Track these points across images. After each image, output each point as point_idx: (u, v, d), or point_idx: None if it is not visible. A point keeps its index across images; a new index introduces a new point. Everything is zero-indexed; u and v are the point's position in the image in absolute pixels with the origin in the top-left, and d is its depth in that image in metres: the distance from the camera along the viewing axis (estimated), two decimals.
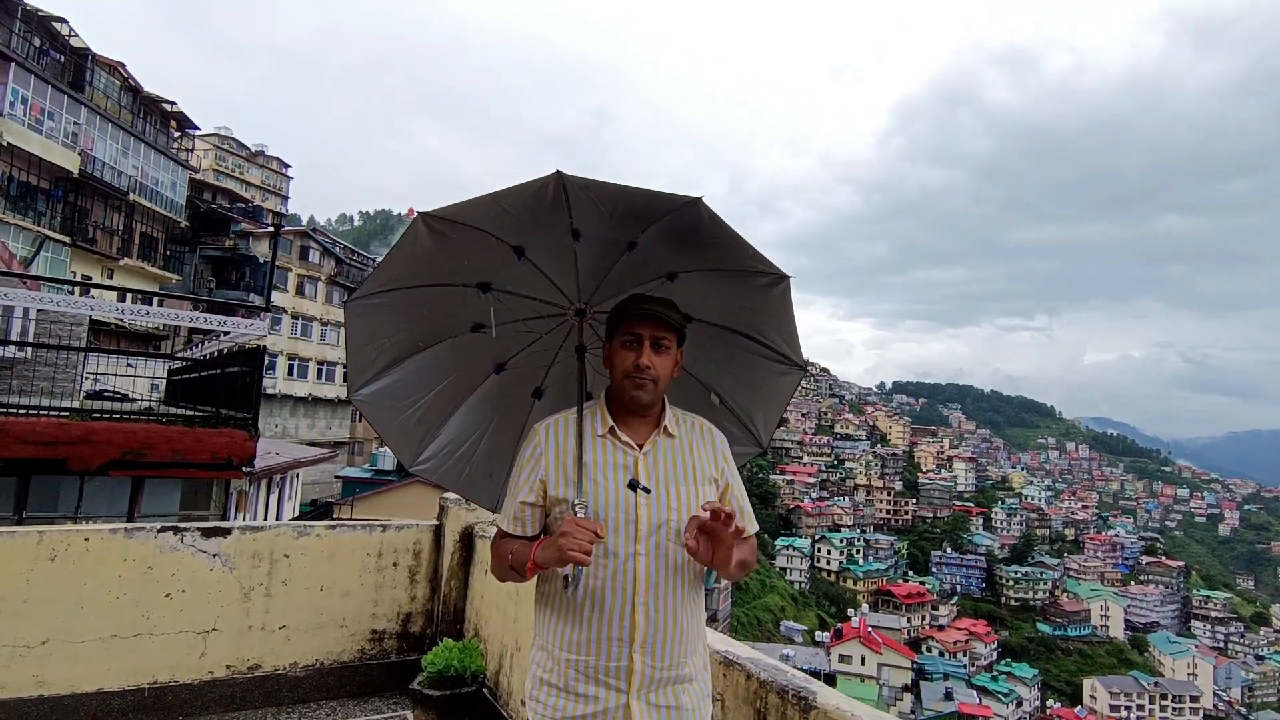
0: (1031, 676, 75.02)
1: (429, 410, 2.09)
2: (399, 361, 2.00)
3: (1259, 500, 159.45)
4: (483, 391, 2.14)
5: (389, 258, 1.78)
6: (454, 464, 2.17)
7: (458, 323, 2.02)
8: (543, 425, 1.81)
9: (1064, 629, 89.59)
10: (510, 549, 1.75)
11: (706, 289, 1.97)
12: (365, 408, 1.99)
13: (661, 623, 1.67)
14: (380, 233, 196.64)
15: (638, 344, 1.74)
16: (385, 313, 1.90)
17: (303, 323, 42.62)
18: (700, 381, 2.14)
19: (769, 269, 1.85)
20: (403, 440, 2.09)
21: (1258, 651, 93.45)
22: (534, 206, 1.67)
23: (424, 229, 1.69)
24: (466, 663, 3.96)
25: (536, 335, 2.09)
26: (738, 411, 2.15)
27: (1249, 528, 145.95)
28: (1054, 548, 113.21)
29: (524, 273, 1.90)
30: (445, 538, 4.77)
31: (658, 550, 1.67)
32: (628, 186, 1.62)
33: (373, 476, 33.17)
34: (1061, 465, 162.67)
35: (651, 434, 1.79)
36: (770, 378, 2.10)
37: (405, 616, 4.69)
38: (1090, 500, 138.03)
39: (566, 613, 1.70)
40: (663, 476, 1.74)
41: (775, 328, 1.99)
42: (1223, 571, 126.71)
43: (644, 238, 1.83)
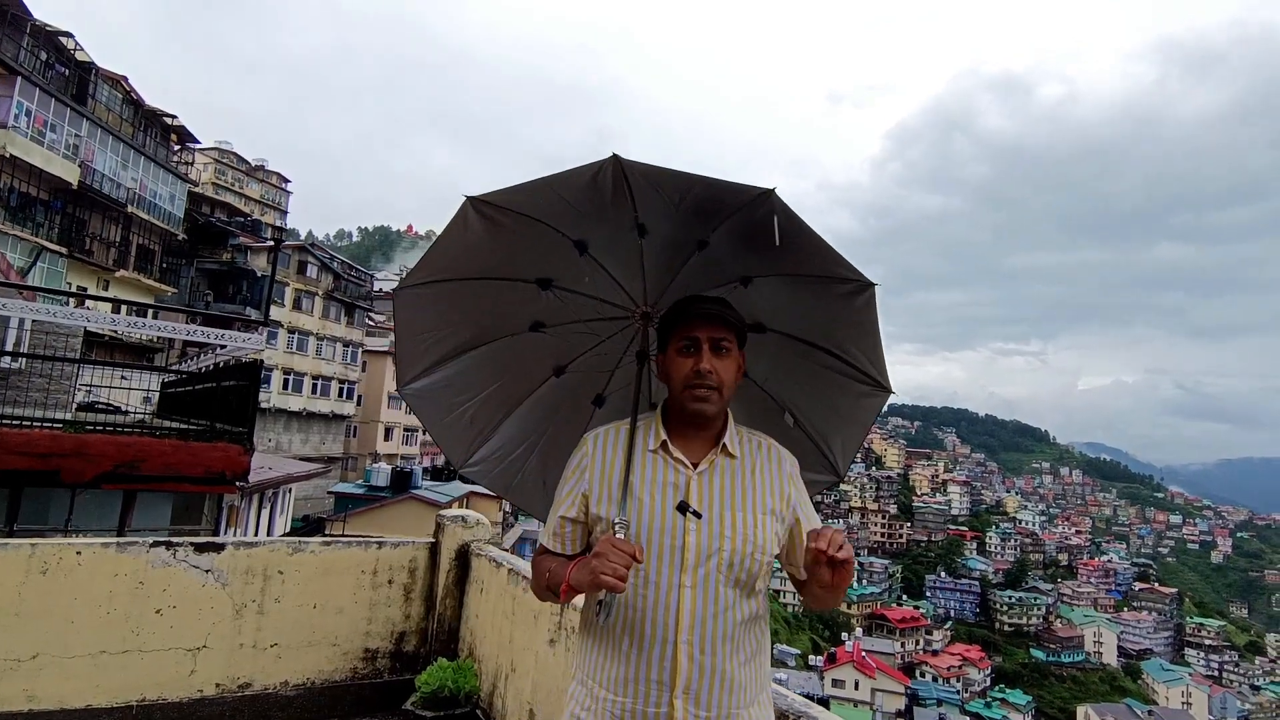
0: (1025, 703, 74.45)
1: (482, 410, 1.98)
2: (452, 356, 1.90)
3: (1252, 528, 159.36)
4: (540, 395, 2.01)
5: (438, 244, 1.68)
6: (506, 469, 2.05)
7: (516, 320, 1.91)
8: (592, 435, 1.66)
9: (1058, 655, 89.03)
10: (548, 567, 1.58)
11: (784, 296, 1.80)
12: (414, 402, 1.90)
13: (708, 666, 1.45)
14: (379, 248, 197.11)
15: (695, 348, 1.55)
16: (437, 303, 1.80)
17: (299, 337, 42.56)
18: (774, 399, 1.94)
19: (852, 275, 1.64)
20: (452, 440, 1.99)
21: (1253, 681, 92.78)
22: (593, 196, 1.56)
23: (474, 215, 1.58)
24: (460, 683, 3.93)
25: (599, 338, 1.95)
26: (814, 435, 1.92)
27: (1242, 555, 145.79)
28: (1047, 573, 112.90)
29: (586, 270, 1.78)
30: (441, 555, 4.74)
31: (706, 583, 1.46)
32: (693, 174, 1.47)
33: (366, 492, 32.94)
34: (1055, 490, 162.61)
35: (709, 452, 1.58)
36: (852, 399, 1.86)
37: (399, 635, 4.64)
38: (1083, 526, 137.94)
39: (606, 645, 1.52)
40: (717, 501, 1.52)
41: (858, 342, 1.77)
42: (1216, 599, 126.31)
43: (715, 236, 1.69)
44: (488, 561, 4.42)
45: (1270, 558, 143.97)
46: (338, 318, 45.69)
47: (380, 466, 35.05)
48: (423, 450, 55.88)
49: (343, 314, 46.13)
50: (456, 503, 37.55)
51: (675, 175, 1.49)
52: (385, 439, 51.19)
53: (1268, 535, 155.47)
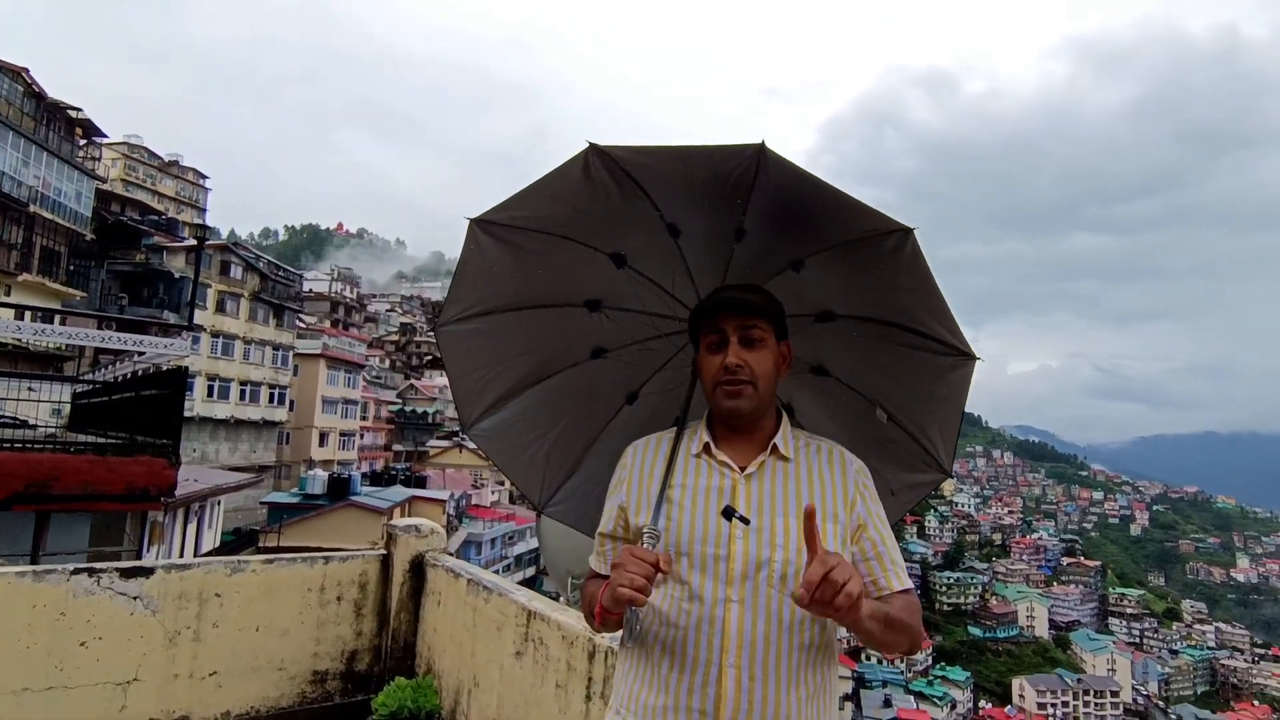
0: (964, 679, 77.38)
1: (557, 447, 1.86)
2: (517, 392, 1.79)
3: (1166, 500, 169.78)
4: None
5: (461, 274, 1.59)
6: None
7: (575, 348, 1.79)
8: (633, 446, 1.53)
9: (993, 631, 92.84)
10: (589, 591, 1.42)
11: (839, 273, 1.60)
12: (485, 444, 1.82)
13: (759, 694, 1.26)
14: (309, 246, 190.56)
15: (723, 343, 1.40)
16: (485, 339, 1.71)
17: (224, 341, 40.69)
18: (861, 394, 1.73)
19: (886, 224, 1.40)
20: (530, 480, 1.88)
21: (1171, 646, 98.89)
22: (600, 197, 1.45)
23: (484, 238, 1.49)
24: (421, 702, 3.71)
25: (665, 356, 1.82)
26: (911, 429, 1.70)
27: (1158, 527, 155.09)
28: (983, 553, 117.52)
29: (667, 258, 1.63)
30: (394, 568, 4.48)
31: (755, 597, 1.29)
32: (680, 146, 1.34)
33: (301, 501, 31.74)
34: (989, 473, 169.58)
35: (759, 455, 1.41)
36: (938, 376, 1.62)
37: (350, 654, 4.36)
38: (1015, 505, 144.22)
39: (645, 671, 1.35)
40: (768, 506, 1.35)
41: (925, 306, 1.53)
42: (1136, 570, 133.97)
43: (749, 221, 1.53)
44: (445, 572, 4.19)
45: (1183, 528, 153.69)
46: (265, 320, 43.86)
47: (316, 474, 33.83)
48: (361, 455, 54.34)
49: (271, 316, 44.30)
50: (399, 508, 36.60)
51: (664, 152, 1.37)
52: (320, 445, 49.51)
53: (1180, 507, 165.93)
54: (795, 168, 1.33)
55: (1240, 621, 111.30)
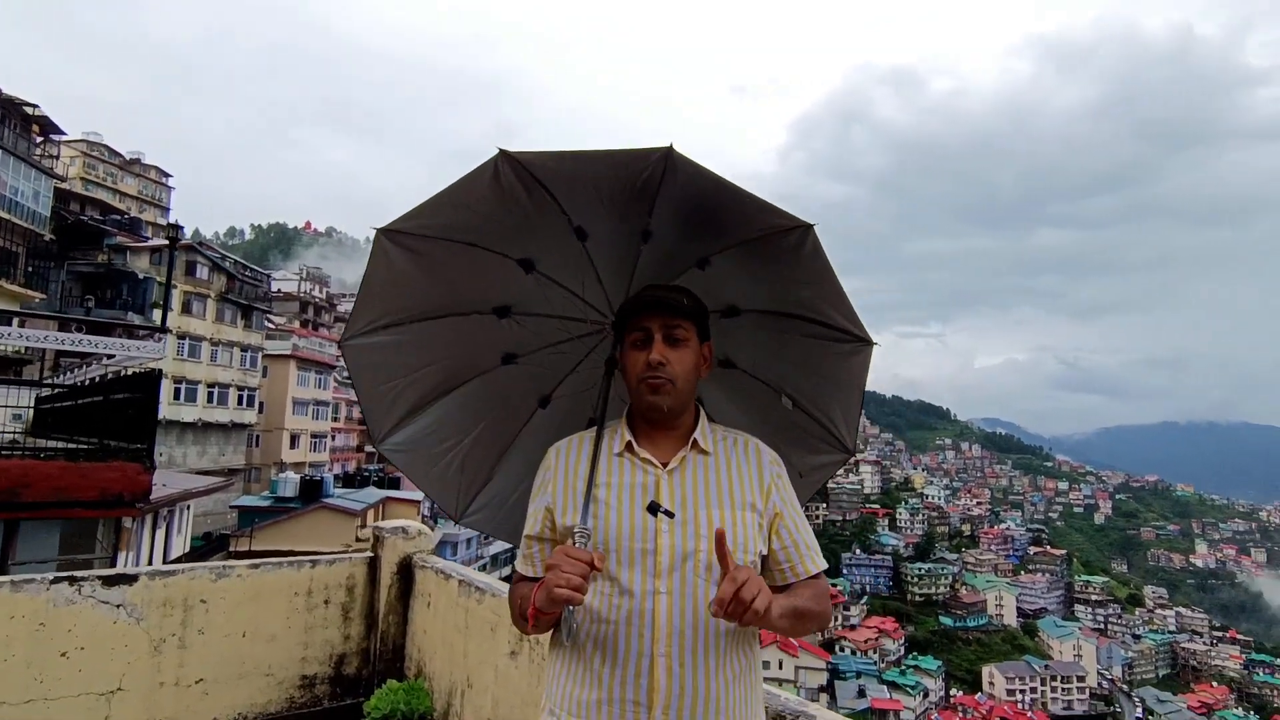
0: (936, 668, 78.76)
1: (471, 456, 1.87)
2: (427, 404, 1.78)
3: (1128, 490, 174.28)
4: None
5: (368, 286, 1.57)
6: (509, 513, 1.91)
7: (485, 356, 1.80)
8: (555, 448, 1.56)
9: (964, 620, 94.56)
10: (519, 594, 1.44)
11: (743, 269, 1.67)
12: (397, 458, 1.79)
13: (690, 681, 1.32)
14: (276, 245, 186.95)
15: (647, 340, 1.46)
16: (393, 351, 1.69)
17: (190, 343, 39.82)
18: (767, 383, 1.82)
19: (785, 220, 1.48)
20: (445, 492, 1.88)
21: (1134, 631, 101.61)
22: (507, 203, 1.45)
23: (393, 248, 1.47)
24: (414, 704, 3.69)
25: (576, 359, 1.85)
26: (815, 413, 1.78)
27: (1120, 515, 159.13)
28: (953, 543, 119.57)
29: (575, 262, 1.65)
30: (381, 570, 4.44)
31: (682, 587, 1.35)
32: (588, 151, 1.37)
33: (273, 504, 31.20)
34: (958, 465, 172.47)
35: (679, 450, 1.48)
36: (838, 361, 1.70)
37: (339, 658, 4.32)
38: (983, 497, 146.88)
39: (577, 668, 1.39)
40: (691, 499, 1.41)
41: (823, 296, 1.61)
42: (1100, 557, 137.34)
43: (655, 223, 1.58)
44: (434, 573, 4.17)
45: (1145, 516, 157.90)
46: (233, 321, 43.01)
47: (288, 476, 33.31)
48: (333, 457, 53.56)
49: (239, 317, 43.45)
50: (373, 510, 36.19)
51: (572, 157, 1.39)
52: (291, 447, 48.68)
53: (1142, 496, 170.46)
54: (702, 169, 1.37)
55: (1199, 606, 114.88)
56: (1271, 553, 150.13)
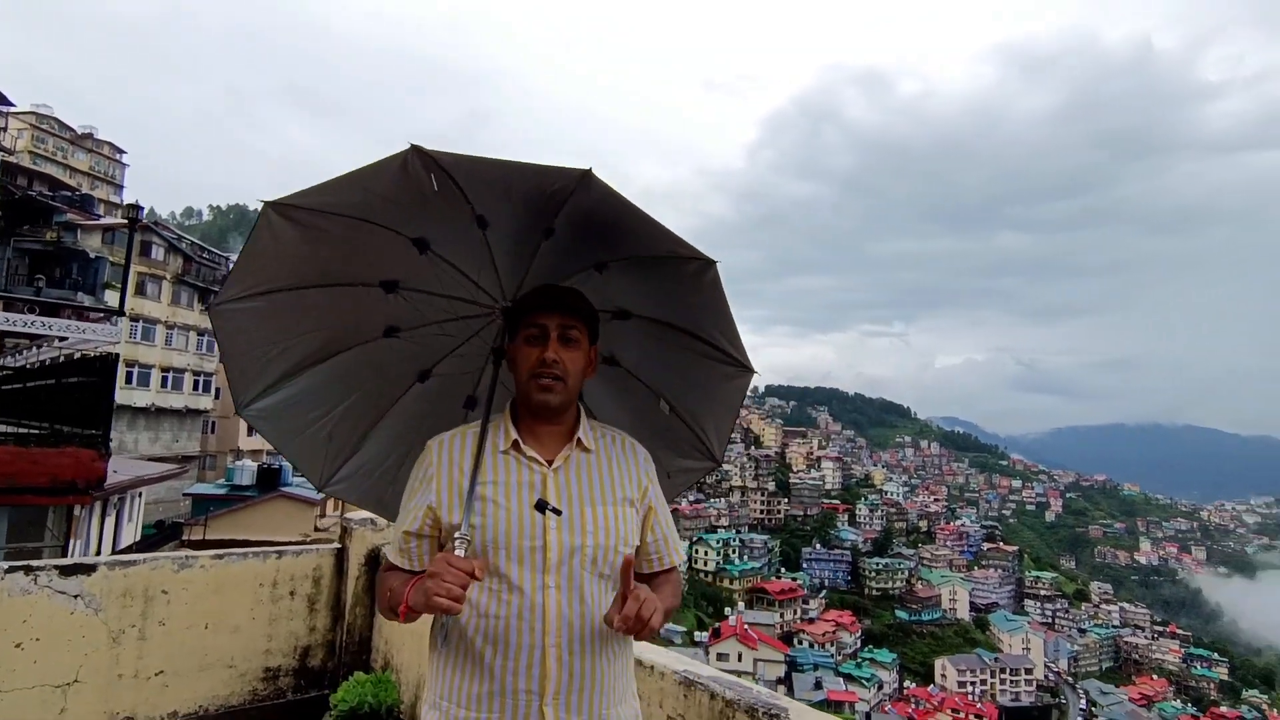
0: (891, 660, 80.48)
1: (341, 425, 1.86)
2: (300, 371, 1.75)
3: (1078, 488, 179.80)
4: (407, 402, 1.91)
5: (249, 257, 1.55)
6: (376, 482, 1.95)
7: (367, 327, 1.79)
8: (436, 441, 1.55)
9: (919, 614, 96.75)
10: (391, 585, 1.47)
11: (640, 280, 1.76)
12: (260, 425, 1.75)
13: (578, 668, 1.41)
14: (236, 228, 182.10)
15: (542, 337, 1.50)
16: (272, 315, 1.65)
17: (144, 325, 38.66)
18: (647, 386, 1.91)
19: (691, 252, 1.61)
20: (310, 460, 1.87)
21: (1080, 625, 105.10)
22: (413, 191, 1.46)
23: (280, 221, 1.45)
24: (382, 697, 3.66)
25: (460, 339, 1.87)
26: (689, 421, 1.90)
27: (1070, 513, 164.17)
28: (910, 539, 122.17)
29: (472, 247, 1.67)
30: (349, 561, 4.40)
31: (570, 582, 1.42)
32: (508, 160, 1.40)
33: (228, 493, 30.50)
34: (916, 462, 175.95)
35: (563, 448, 1.54)
36: (719, 382, 1.84)
37: (304, 651, 4.27)
38: (941, 494, 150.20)
39: (464, 662, 1.42)
40: (576, 496, 1.48)
41: (714, 322, 1.75)
42: (1049, 554, 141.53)
43: (560, 222, 1.62)
44: None
45: (1093, 514, 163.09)
46: (190, 304, 41.86)
47: (244, 464, 32.56)
48: None
49: (195, 299, 42.29)
50: (332, 500, 35.60)
51: (490, 163, 1.42)
52: (249, 434, 47.51)
53: (1091, 494, 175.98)
54: (616, 194, 1.43)
55: (1142, 601, 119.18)
56: (1211, 551, 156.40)
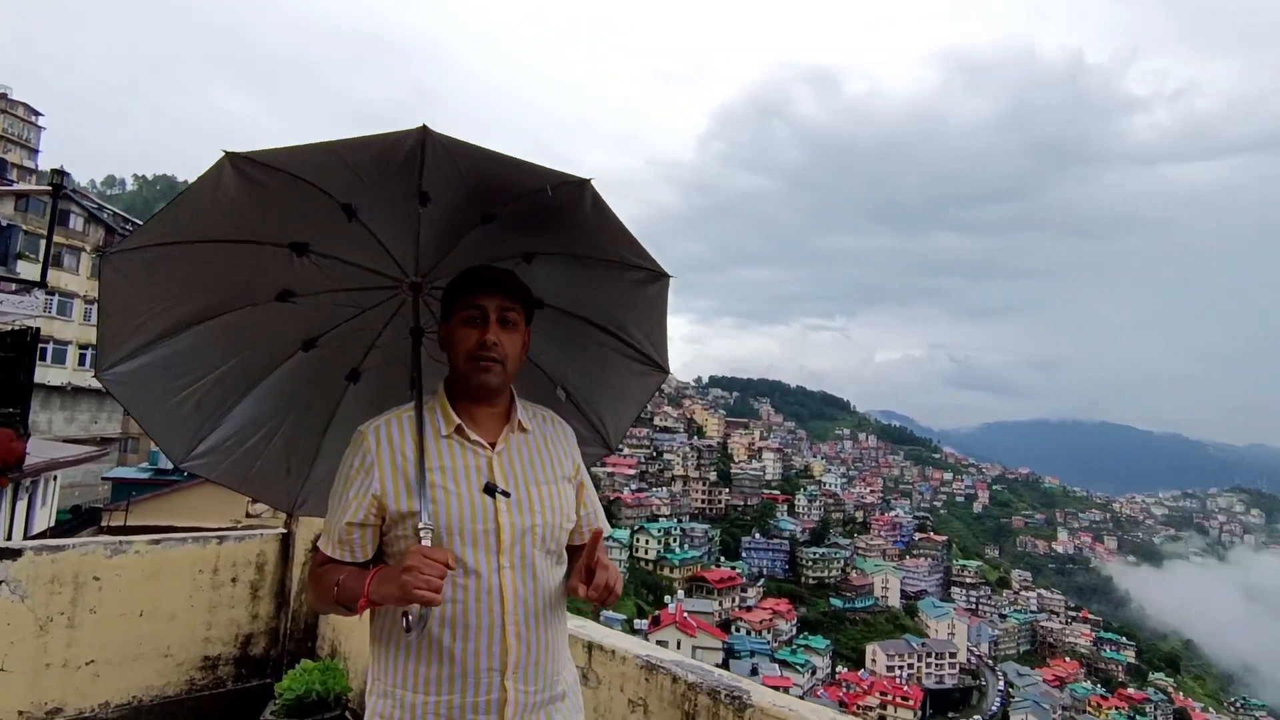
0: (824, 647, 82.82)
1: (212, 393, 1.74)
2: (175, 332, 1.62)
3: (1004, 481, 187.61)
4: (285, 371, 1.83)
5: (177, 203, 1.43)
6: (240, 458, 1.84)
7: (261, 289, 1.68)
8: (371, 429, 1.52)
9: (852, 602, 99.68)
10: (336, 579, 1.44)
11: (568, 275, 1.79)
12: (120, 390, 1.60)
13: (534, 641, 1.47)
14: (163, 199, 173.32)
15: (482, 319, 1.50)
16: (162, 271, 1.53)
17: (60, 299, 36.54)
18: (547, 374, 1.95)
19: (648, 265, 1.68)
20: (171, 430, 1.74)
21: (1001, 611, 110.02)
22: (381, 163, 1.42)
23: (230, 173, 1.36)
24: (330, 684, 3.58)
25: (359, 309, 1.81)
26: (586, 409, 1.97)
27: (996, 505, 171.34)
28: (846, 529, 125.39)
29: (353, 236, 1.61)
30: (295, 547, 4.27)
31: (523, 561, 1.47)
32: (507, 155, 1.41)
33: (152, 477, 29.11)
34: (854, 454, 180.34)
35: (503, 429, 1.56)
36: (628, 377, 1.94)
37: (245, 638, 4.13)
38: (876, 485, 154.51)
39: (420, 649, 1.43)
40: (521, 477, 1.52)
41: (641, 326, 1.84)
42: (975, 543, 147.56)
43: (506, 211, 1.62)
44: None
45: (1016, 506, 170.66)
46: None
47: None
48: None
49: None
50: None
51: (487, 153, 1.40)
52: None
53: (1015, 487, 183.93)
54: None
55: (1058, 588, 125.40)
56: (1122, 541, 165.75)
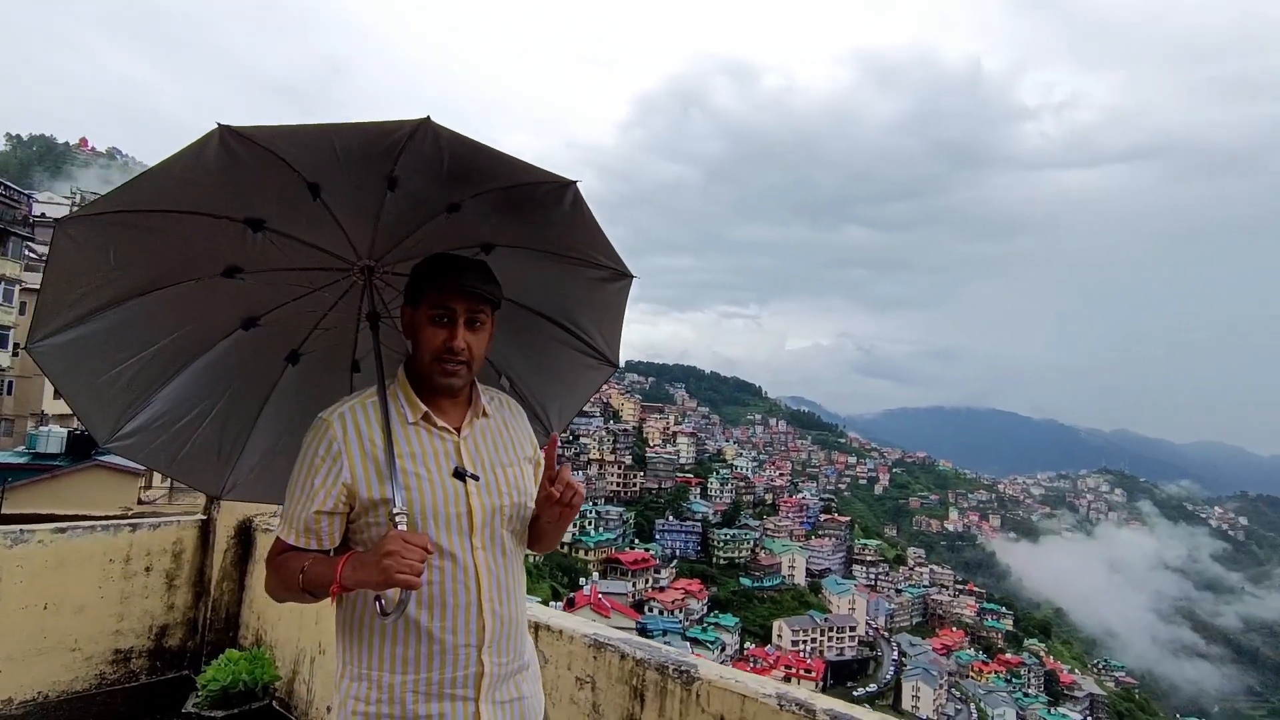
0: (734, 625, 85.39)
1: (145, 370, 1.68)
2: (112, 305, 1.56)
3: (903, 464, 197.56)
4: (222, 350, 1.77)
5: (150, 172, 1.37)
6: (169, 439, 1.78)
7: (207, 263, 1.62)
8: (335, 416, 1.51)
9: (761, 581, 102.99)
10: (300, 567, 1.44)
11: (526, 268, 1.79)
12: (49, 363, 1.54)
13: (506, 616, 1.54)
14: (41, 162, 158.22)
15: (450, 321, 1.50)
16: (114, 240, 1.47)
17: None
18: (492, 363, 1.96)
19: (614, 265, 1.71)
20: (98, 408, 1.67)
21: (898, 586, 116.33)
22: (367, 148, 1.40)
23: (216, 146, 1.32)
24: (258, 674, 3.50)
25: (307, 290, 1.77)
26: (529, 397, 2.00)
27: (895, 487, 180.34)
28: (756, 511, 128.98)
29: (311, 215, 1.57)
30: (216, 534, 4.11)
31: (494, 540, 1.54)
32: (501, 152, 1.41)
33: (30, 462, 27.04)
34: (765, 439, 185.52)
35: (466, 415, 1.60)
36: (576, 370, 1.98)
37: (160, 630, 3.96)
38: (786, 469, 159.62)
39: (395, 631, 1.46)
40: (486, 460, 1.57)
41: (596, 321, 1.87)
42: (876, 523, 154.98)
43: (473, 203, 1.61)
44: None
45: (914, 488, 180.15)
46: None
47: (51, 430, 28.99)
48: None
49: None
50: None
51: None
52: (56, 396, 42.07)
53: (913, 470, 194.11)
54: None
55: (948, 564, 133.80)
56: (1004, 519, 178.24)
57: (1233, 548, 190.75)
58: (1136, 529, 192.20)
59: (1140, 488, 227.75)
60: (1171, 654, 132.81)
